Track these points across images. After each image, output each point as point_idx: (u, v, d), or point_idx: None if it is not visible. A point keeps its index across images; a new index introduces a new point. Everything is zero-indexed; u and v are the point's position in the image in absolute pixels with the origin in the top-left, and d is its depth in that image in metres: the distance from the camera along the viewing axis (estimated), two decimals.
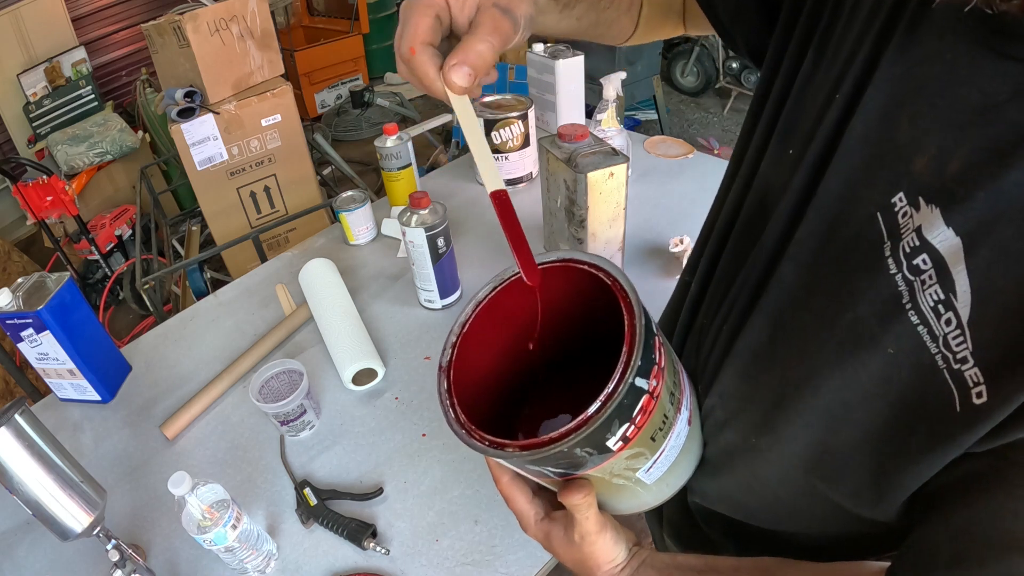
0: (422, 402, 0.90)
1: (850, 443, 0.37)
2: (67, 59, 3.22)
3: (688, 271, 0.57)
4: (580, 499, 0.40)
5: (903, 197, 0.33)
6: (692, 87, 4.00)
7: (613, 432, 0.35)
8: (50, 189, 2.37)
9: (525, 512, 0.46)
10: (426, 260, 0.99)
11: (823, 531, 0.45)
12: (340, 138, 3.90)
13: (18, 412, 0.59)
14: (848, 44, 0.38)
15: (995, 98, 0.30)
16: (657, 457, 0.41)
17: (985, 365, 0.29)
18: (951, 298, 0.31)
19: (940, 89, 0.32)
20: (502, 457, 0.36)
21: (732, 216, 0.49)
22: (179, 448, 0.88)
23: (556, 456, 0.35)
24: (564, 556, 0.46)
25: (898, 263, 0.33)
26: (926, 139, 0.33)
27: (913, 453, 0.34)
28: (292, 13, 4.38)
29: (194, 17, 1.95)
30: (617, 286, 0.38)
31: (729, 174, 0.52)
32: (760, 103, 0.47)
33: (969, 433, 0.30)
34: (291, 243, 2.25)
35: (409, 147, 1.29)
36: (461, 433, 0.38)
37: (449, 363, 0.41)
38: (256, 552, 0.68)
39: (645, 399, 0.36)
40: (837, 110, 0.38)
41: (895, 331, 0.33)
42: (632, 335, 0.35)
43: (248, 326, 1.08)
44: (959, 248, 0.30)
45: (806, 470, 0.41)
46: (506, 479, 0.46)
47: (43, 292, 0.86)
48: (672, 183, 1.33)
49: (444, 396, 0.40)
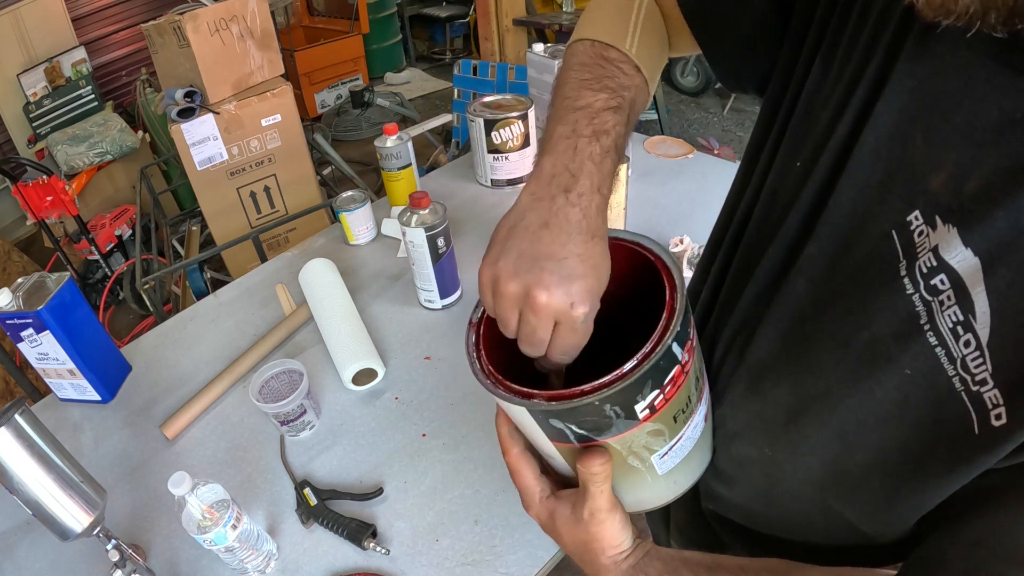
0: (422, 402, 0.90)
1: (865, 463, 0.37)
2: (67, 59, 3.22)
3: (699, 279, 0.57)
4: (599, 466, 0.39)
5: (919, 216, 0.33)
6: (692, 87, 4.00)
7: (644, 395, 0.35)
8: (50, 189, 2.37)
9: (530, 488, 0.45)
10: (426, 260, 0.99)
11: (836, 542, 0.45)
12: (340, 138, 3.91)
13: (18, 412, 0.59)
14: (857, 54, 0.37)
15: (1014, 115, 0.29)
16: (675, 443, 0.40)
17: (1005, 387, 0.29)
18: (970, 319, 0.30)
19: (956, 105, 0.31)
20: (528, 408, 0.35)
21: (742, 226, 0.48)
22: (179, 448, 0.88)
23: (584, 410, 0.34)
24: (567, 537, 0.45)
25: (915, 283, 0.33)
26: (942, 156, 0.32)
27: (930, 476, 0.33)
28: (292, 13, 4.38)
29: (194, 17, 1.95)
30: (659, 261, 0.39)
31: (739, 182, 0.52)
32: (772, 111, 0.47)
33: (988, 455, 0.30)
34: (291, 243, 2.25)
35: (409, 147, 1.29)
36: (487, 383, 0.38)
37: (480, 319, 0.41)
38: (256, 552, 0.68)
39: (676, 370, 0.36)
40: (847, 123, 0.37)
41: (912, 351, 0.33)
42: (673, 300, 0.36)
43: (248, 326, 1.08)
44: (978, 268, 0.30)
45: (820, 487, 0.41)
46: (515, 451, 0.45)
47: (43, 292, 0.86)
48: (672, 183, 1.33)
49: (472, 349, 0.40)
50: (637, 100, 0.49)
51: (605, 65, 0.48)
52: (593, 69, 0.48)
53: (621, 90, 0.47)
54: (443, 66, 5.10)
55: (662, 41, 0.55)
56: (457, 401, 0.89)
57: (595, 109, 0.44)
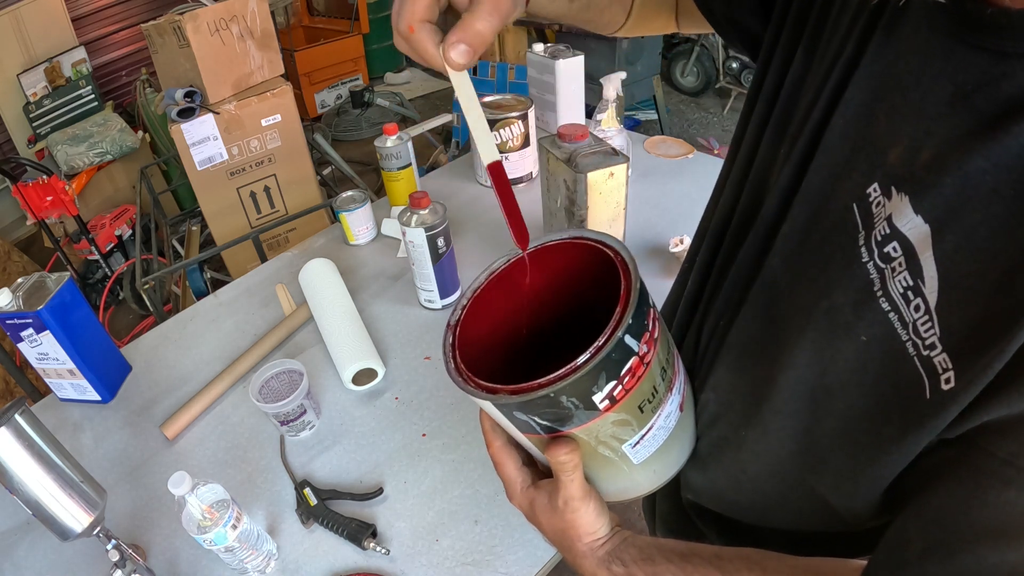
0: (422, 402, 0.90)
1: (832, 433, 0.38)
2: (67, 59, 3.22)
3: (685, 269, 0.58)
4: (564, 454, 0.40)
5: (877, 188, 0.34)
6: (692, 87, 4.00)
7: (600, 387, 0.36)
8: (50, 189, 2.37)
9: (512, 478, 0.47)
10: (426, 260, 0.99)
11: (810, 528, 0.45)
12: (340, 138, 3.91)
13: (18, 412, 0.59)
14: (834, 45, 0.39)
15: (965, 87, 0.30)
16: (644, 432, 0.41)
17: (952, 350, 0.30)
18: (919, 284, 0.31)
19: (915, 83, 0.33)
20: (493, 402, 0.37)
21: (727, 215, 0.50)
22: (179, 448, 0.88)
23: (543, 402, 0.36)
24: (546, 525, 0.46)
25: (870, 251, 0.34)
26: (900, 131, 0.33)
27: (885, 442, 0.34)
28: (292, 13, 4.38)
29: (194, 17, 1.95)
30: (619, 258, 0.40)
31: (724, 172, 0.53)
32: (752, 102, 0.48)
33: (938, 419, 0.30)
34: (291, 243, 2.25)
35: (409, 147, 1.29)
36: (458, 380, 0.40)
37: (457, 322, 0.43)
38: (256, 552, 0.68)
39: (634, 361, 0.37)
40: (820, 109, 0.39)
41: (868, 318, 0.34)
42: (627, 296, 0.37)
43: (248, 326, 1.08)
44: (927, 235, 0.31)
45: (792, 462, 0.42)
46: (498, 444, 0.46)
47: (43, 292, 0.86)
48: (672, 183, 1.33)
49: (448, 349, 0.42)
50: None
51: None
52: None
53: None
54: None
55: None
56: (457, 401, 0.89)
57: None
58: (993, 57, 0.29)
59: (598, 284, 0.41)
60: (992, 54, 0.29)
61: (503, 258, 0.45)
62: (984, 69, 0.29)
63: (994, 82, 0.29)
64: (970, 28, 0.30)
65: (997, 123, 0.28)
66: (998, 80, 0.28)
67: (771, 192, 0.43)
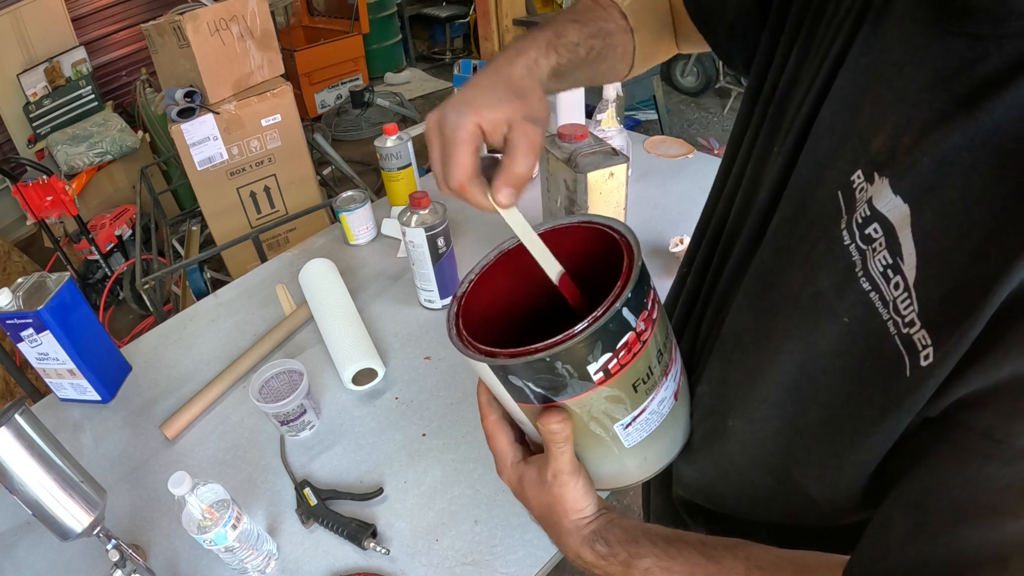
0: (422, 402, 0.90)
1: (817, 419, 0.38)
2: (67, 59, 3.22)
3: (684, 266, 0.58)
4: (556, 423, 0.40)
5: (860, 174, 0.35)
6: (692, 87, 4.00)
7: (595, 357, 0.37)
8: (50, 189, 2.37)
9: (504, 452, 0.47)
10: (426, 260, 0.99)
11: (795, 523, 0.46)
12: (340, 138, 3.91)
13: (18, 412, 0.59)
14: (826, 43, 0.40)
15: (943, 72, 0.31)
16: (637, 414, 0.42)
17: (930, 326, 0.30)
18: (899, 262, 0.31)
19: (897, 72, 0.33)
20: (490, 364, 0.38)
21: (725, 213, 0.50)
22: (179, 448, 0.88)
23: (539, 366, 0.37)
24: (534, 501, 0.46)
25: (851, 234, 0.34)
26: (884, 119, 0.34)
27: (866, 424, 0.34)
28: (292, 13, 4.38)
29: (194, 17, 1.95)
30: (623, 239, 0.42)
31: (722, 171, 0.54)
32: (750, 102, 0.49)
33: (916, 395, 0.30)
34: (291, 243, 2.25)
35: (409, 147, 1.29)
36: (458, 344, 0.41)
37: (463, 294, 0.44)
38: (256, 552, 0.68)
39: (631, 336, 0.37)
40: (809, 103, 0.40)
41: (849, 299, 0.34)
42: (628, 272, 0.38)
43: (248, 326, 1.08)
44: (907, 214, 0.31)
45: (777, 450, 0.42)
46: (492, 417, 0.47)
47: (43, 292, 0.87)
48: (672, 183, 1.33)
49: (452, 318, 0.43)
50: (615, 36, 0.56)
51: (594, 8, 0.56)
52: (580, 12, 0.55)
53: (596, 21, 0.54)
54: (443, 66, 5.10)
55: (659, 6, 0.61)
56: (457, 401, 0.89)
57: (562, 23, 0.52)
58: (969, 41, 0.29)
59: (604, 268, 0.42)
60: (968, 38, 0.29)
61: (513, 239, 0.46)
62: (961, 54, 0.30)
63: (970, 65, 0.29)
64: (947, 15, 0.30)
65: (972, 102, 0.29)
66: (973, 63, 0.29)
67: (763, 186, 0.44)
